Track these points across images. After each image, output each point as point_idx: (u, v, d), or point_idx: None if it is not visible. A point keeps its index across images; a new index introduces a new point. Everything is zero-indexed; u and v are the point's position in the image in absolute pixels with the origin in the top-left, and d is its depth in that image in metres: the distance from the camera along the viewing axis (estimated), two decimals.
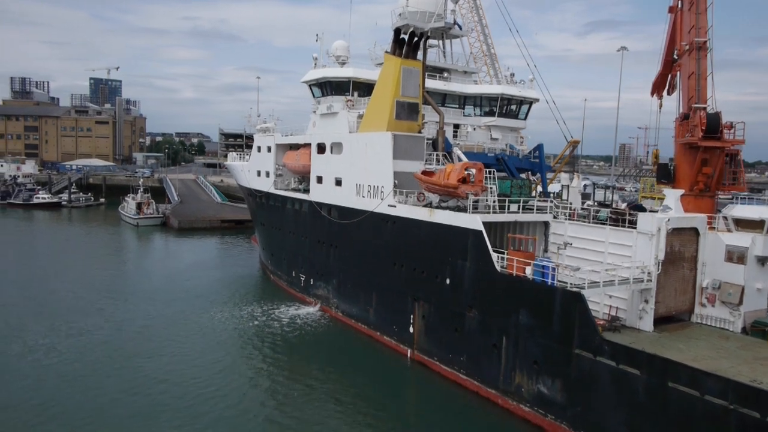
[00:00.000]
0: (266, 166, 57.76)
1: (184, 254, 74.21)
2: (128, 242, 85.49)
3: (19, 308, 46.10)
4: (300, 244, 51.34)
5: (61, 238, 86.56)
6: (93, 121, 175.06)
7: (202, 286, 56.12)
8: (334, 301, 46.29)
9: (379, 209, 39.82)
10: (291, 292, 53.23)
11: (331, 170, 46.22)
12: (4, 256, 70.52)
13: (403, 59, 40.13)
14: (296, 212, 51.87)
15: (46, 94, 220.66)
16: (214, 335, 41.09)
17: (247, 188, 63.62)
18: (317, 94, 49.03)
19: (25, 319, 43.14)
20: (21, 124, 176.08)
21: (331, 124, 46.63)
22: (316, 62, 48.94)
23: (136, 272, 61.74)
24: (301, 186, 54.22)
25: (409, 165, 39.58)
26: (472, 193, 33.56)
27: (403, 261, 37.89)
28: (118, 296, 50.89)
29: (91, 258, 70.29)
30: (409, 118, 40.60)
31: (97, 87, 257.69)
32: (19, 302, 47.86)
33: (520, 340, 29.35)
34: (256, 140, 60.92)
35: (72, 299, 49.14)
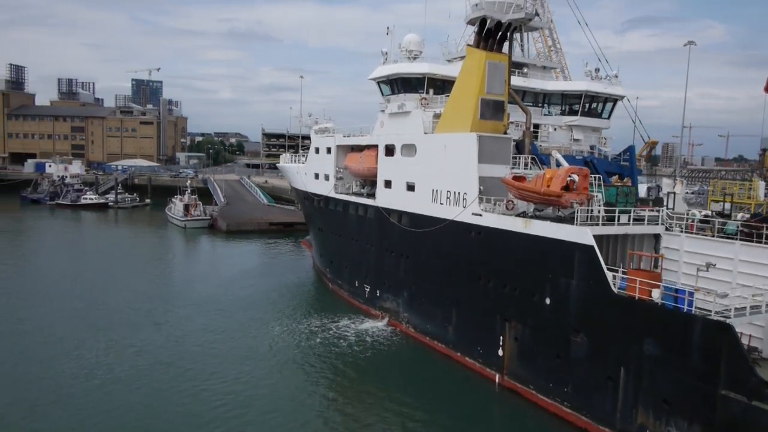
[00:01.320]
0: (326, 169, 54.69)
1: (235, 259, 71.77)
2: (177, 246, 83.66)
3: (74, 321, 43.78)
4: (364, 252, 48.08)
5: (110, 241, 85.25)
6: (137, 121, 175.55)
7: (257, 294, 53.38)
8: (404, 315, 42.87)
9: (460, 218, 36.21)
10: (354, 303, 50.02)
11: (401, 174, 42.80)
12: (56, 261, 69.20)
13: (489, 53, 36.41)
14: (360, 218, 48.62)
15: (92, 95, 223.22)
16: (276, 354, 37.93)
17: (304, 191, 60.69)
18: (386, 91, 45.63)
19: (80, 333, 40.73)
20: (68, 124, 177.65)
21: (403, 124, 43.19)
22: (387, 57, 45.50)
23: (189, 279, 59.32)
24: (364, 190, 50.99)
25: (494, 169, 35.89)
26: (577, 202, 29.73)
27: (490, 276, 34.21)
28: (173, 306, 48.35)
29: (142, 263, 68.39)
30: (495, 117, 36.89)
31: (138, 88, 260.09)
32: (73, 314, 45.63)
33: (645, 373, 25.39)
34: (314, 141, 57.92)
35: (126, 310, 46.71)
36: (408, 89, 43.17)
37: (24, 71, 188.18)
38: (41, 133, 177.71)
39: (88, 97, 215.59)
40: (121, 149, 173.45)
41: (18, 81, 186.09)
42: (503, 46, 37.62)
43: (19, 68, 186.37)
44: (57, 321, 43.14)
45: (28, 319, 43.41)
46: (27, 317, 43.97)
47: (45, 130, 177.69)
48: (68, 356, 35.99)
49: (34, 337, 39.27)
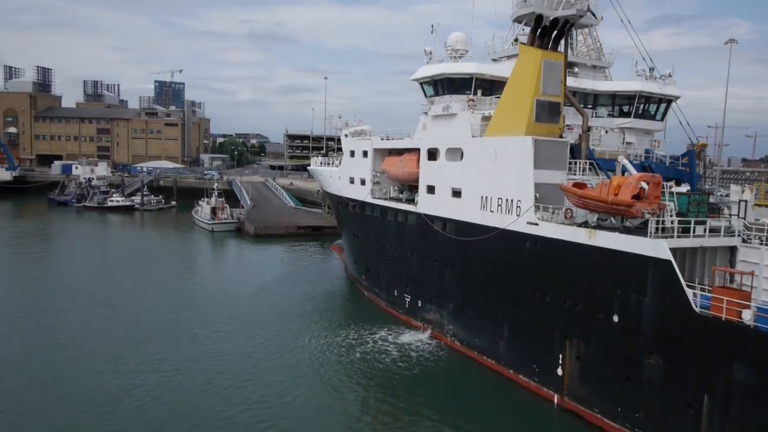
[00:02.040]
0: (362, 173, 52.85)
1: (265, 264, 70.22)
2: (205, 250, 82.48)
3: (108, 332, 42.28)
4: (404, 260, 46.12)
5: (138, 245, 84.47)
6: (162, 123, 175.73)
7: (291, 303, 51.69)
8: (449, 328, 40.82)
9: (514, 227, 34.09)
10: (393, 313, 48.09)
11: (446, 179, 40.76)
12: (86, 267, 68.31)
13: (545, 51, 34.24)
14: (399, 225, 46.67)
15: (116, 97, 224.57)
16: (317, 370, 36.06)
17: (338, 196, 58.89)
18: (430, 93, 43.59)
19: (114, 346, 39.19)
20: (94, 126, 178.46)
21: (448, 126, 41.16)
22: (431, 57, 43.46)
23: (221, 287, 57.71)
24: (402, 195, 49.06)
25: (551, 175, 33.72)
26: (649, 212, 27.47)
27: (548, 289, 32.04)
28: (207, 317, 46.72)
29: (172, 268, 67.12)
30: (550, 120, 34.71)
31: (161, 89, 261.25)
32: (106, 324, 44.23)
33: (734, 402, 23.09)
34: (349, 144, 56.11)
35: (160, 321, 45.17)
36: (454, 90, 41.11)
37: (51, 73, 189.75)
38: (67, 134, 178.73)
39: (113, 99, 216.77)
40: (146, 151, 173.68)
41: (45, 83, 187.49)
42: (558, 45, 35.37)
43: (46, 70, 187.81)
44: (90, 332, 41.75)
45: (62, 330, 42.07)
46: (60, 328, 42.67)
47: (71, 131, 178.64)
48: (104, 372, 34.46)
49: (69, 351, 37.86)
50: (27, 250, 77.77)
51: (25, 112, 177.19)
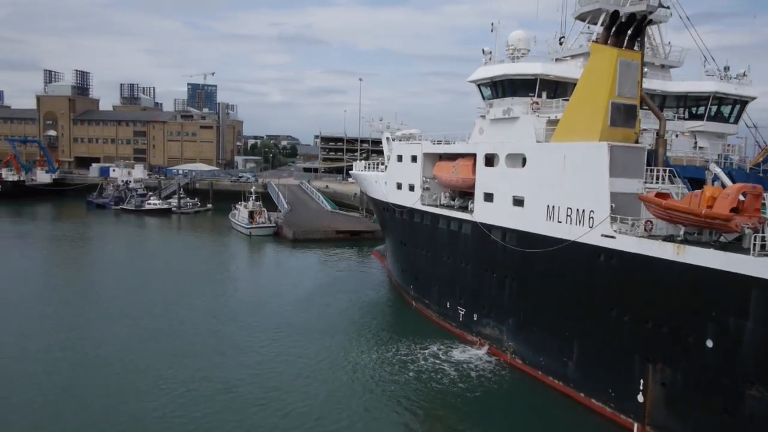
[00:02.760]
0: (410, 179, 50.79)
1: (305, 270, 68.55)
2: (245, 255, 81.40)
3: (152, 345, 40.96)
4: (458, 271, 43.88)
5: (177, 250, 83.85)
6: (197, 125, 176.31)
7: (336, 313, 50.04)
8: (509, 345, 38.47)
9: (586, 239, 31.62)
10: (444, 326, 45.89)
11: (506, 187, 38.42)
12: (126, 273, 67.53)
13: (621, 50, 31.71)
14: (453, 234, 44.45)
15: (152, 100, 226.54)
16: (371, 391, 34.10)
17: (383, 202, 56.94)
18: (488, 95, 41.25)
19: (160, 361, 37.95)
20: (130, 129, 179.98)
21: (508, 131, 38.85)
22: (491, 57, 41.15)
23: (264, 295, 56.14)
24: (454, 202, 46.83)
25: (627, 184, 31.21)
26: (748, 227, 24.83)
27: (626, 308, 29.52)
28: (253, 327, 45.25)
29: (213, 275, 65.89)
30: (626, 124, 32.18)
31: (194, 92, 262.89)
32: (150, 336, 42.92)
33: None
34: (396, 148, 54.12)
35: (204, 332, 43.78)
36: (516, 92, 38.71)
37: (89, 77, 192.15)
38: (105, 137, 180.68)
39: (148, 102, 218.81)
40: (182, 153, 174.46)
41: (83, 86, 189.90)
42: (634, 43, 32.79)
43: (84, 74, 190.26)
44: (134, 345, 40.38)
45: (105, 344, 40.60)
46: (103, 341, 41.24)
47: (108, 134, 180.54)
48: (151, 390, 33.01)
49: (114, 367, 36.33)
50: (67, 255, 77.78)
51: (64, 116, 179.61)
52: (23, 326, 44.00)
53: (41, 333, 42.47)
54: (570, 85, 38.84)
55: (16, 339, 41.03)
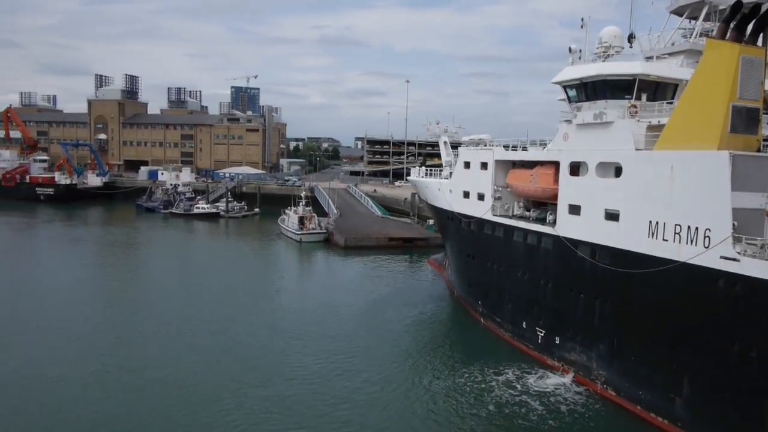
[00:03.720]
0: (480, 187, 47.50)
1: (361, 281, 65.61)
2: (296, 263, 79.32)
3: (211, 365, 38.97)
4: (536, 288, 40.37)
5: (228, 257, 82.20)
6: (244, 128, 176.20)
7: (400, 331, 47.18)
8: (600, 374, 34.80)
9: (700, 260, 27.83)
10: (519, 347, 42.41)
11: (597, 199, 34.80)
12: (179, 282, 66.06)
13: (743, 46, 27.85)
14: (530, 248, 40.97)
15: (198, 103, 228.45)
16: (450, 425, 31.02)
17: (447, 211, 53.73)
18: (575, 97, 37.55)
19: (221, 383, 35.74)
20: (178, 132, 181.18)
21: (600, 137, 35.18)
22: (580, 55, 37.52)
23: (320, 308, 53.28)
24: (530, 213, 43.34)
25: (751, 199, 27.40)
26: None
27: (754, 343, 25.66)
28: (313, 345, 42.64)
29: (266, 284, 63.73)
30: (748, 130, 28.32)
31: (237, 95, 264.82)
32: (208, 354, 40.88)
33: None
34: (463, 155, 50.86)
35: (269, 356, 41.10)
36: (610, 94, 34.99)
37: (138, 81, 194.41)
38: (153, 140, 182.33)
39: (195, 105, 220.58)
40: (228, 156, 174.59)
41: (133, 90, 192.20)
42: (758, 39, 28.86)
43: (133, 78, 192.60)
44: (195, 368, 37.98)
45: (164, 365, 38.38)
46: (163, 361, 38.99)
47: (156, 137, 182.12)
48: (216, 421, 30.59)
49: (173, 392, 34.08)
50: (120, 263, 77.04)
51: (114, 119, 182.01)
52: (79, 342, 42.41)
53: (97, 351, 40.68)
54: (670, 86, 35.13)
55: (73, 358, 39.34)
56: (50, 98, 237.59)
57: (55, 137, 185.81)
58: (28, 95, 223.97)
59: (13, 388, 33.76)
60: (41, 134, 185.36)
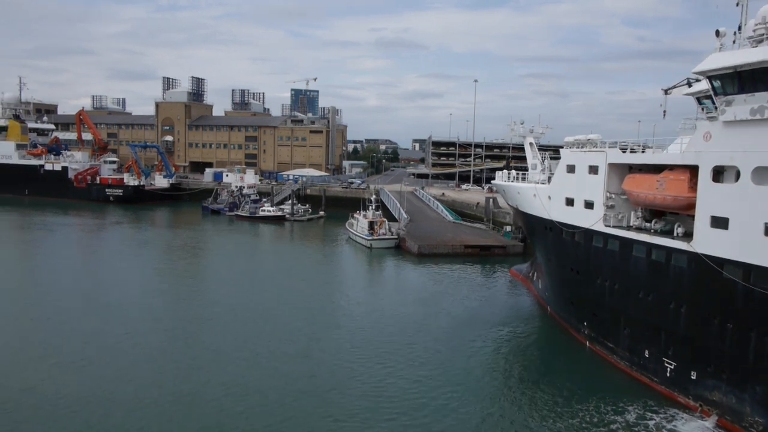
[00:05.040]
0: (588, 194, 42.05)
1: (440, 293, 60.55)
2: (367, 271, 75.28)
3: (302, 398, 35.16)
4: (664, 312, 34.69)
5: (300, 265, 78.93)
6: (307, 130, 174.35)
7: (495, 356, 42.88)
8: (755, 421, 28.94)
9: None
10: (640, 379, 36.75)
11: (752, 210, 29.01)
12: (247, 289, 62.97)
13: None
14: (656, 265, 35.30)
15: (261, 105, 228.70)
16: None
17: (544, 219, 48.42)
18: (722, 89, 31.57)
19: (304, 418, 31.74)
20: (242, 134, 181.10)
21: (758, 136, 29.35)
22: (735, 39, 31.67)
23: (405, 326, 48.59)
24: (651, 225, 37.63)
25: None
26: None
27: None
28: (409, 379, 38.20)
29: (345, 299, 59.10)
30: None
31: (297, 97, 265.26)
32: (296, 384, 37.14)
33: None
34: (566, 157, 45.50)
35: (356, 386, 37.16)
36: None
37: (204, 83, 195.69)
38: (218, 142, 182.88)
39: (258, 107, 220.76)
40: (291, 158, 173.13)
41: (199, 93, 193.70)
42: None
43: (199, 80, 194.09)
44: (276, 389, 34.49)
45: (250, 391, 35.01)
46: (246, 386, 35.62)
47: (221, 139, 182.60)
48: None
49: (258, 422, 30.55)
50: (189, 269, 75.01)
51: (180, 121, 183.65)
52: (149, 364, 39.45)
53: (167, 373, 37.61)
54: None
55: (151, 379, 36.31)
56: (120, 101, 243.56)
57: (124, 139, 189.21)
58: (99, 98, 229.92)
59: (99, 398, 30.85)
60: (111, 136, 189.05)
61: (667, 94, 44.82)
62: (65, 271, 67.08)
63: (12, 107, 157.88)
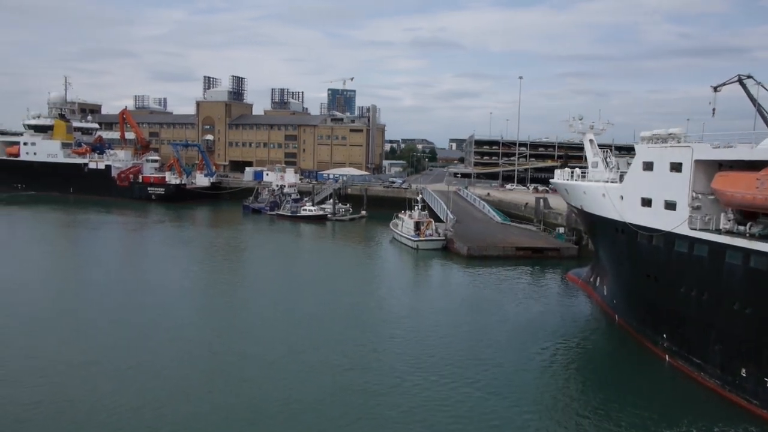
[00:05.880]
0: (668, 193, 38.29)
1: (497, 300, 56.72)
2: (416, 273, 72.51)
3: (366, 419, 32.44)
4: (765, 327, 30.86)
5: (345, 266, 76.63)
6: (348, 129, 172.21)
7: (561, 370, 39.93)
8: None
9: None
10: (735, 400, 32.94)
11: None
12: (303, 297, 60.48)
13: None
14: (756, 273, 31.48)
15: (300, 104, 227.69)
16: None
17: (616, 221, 44.71)
18: None
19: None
20: (282, 133, 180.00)
21: None
22: None
23: (466, 337, 45.43)
24: (746, 228, 33.66)
25: None
26: None
27: None
28: (464, 398, 35.29)
29: (392, 303, 56.25)
30: None
31: (333, 97, 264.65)
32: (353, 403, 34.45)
33: None
34: (642, 153, 41.75)
35: (417, 414, 34.45)
36: None
37: (244, 82, 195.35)
38: (257, 141, 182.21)
39: (297, 106, 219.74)
40: (331, 157, 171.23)
41: (239, 92, 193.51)
42: None
43: (240, 79, 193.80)
44: (328, 404, 31.89)
45: (302, 408, 32.67)
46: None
47: (261, 138, 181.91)
48: None
49: None
50: (230, 269, 73.38)
51: (220, 120, 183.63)
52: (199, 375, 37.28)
53: (222, 383, 35.38)
54: None
55: (201, 392, 34.10)
56: (161, 101, 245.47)
57: (165, 138, 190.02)
58: (141, 98, 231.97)
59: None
60: (152, 135, 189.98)
61: (717, 91, 43.77)
62: (112, 272, 65.78)
63: (58, 107, 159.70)
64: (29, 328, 43.43)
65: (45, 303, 50.94)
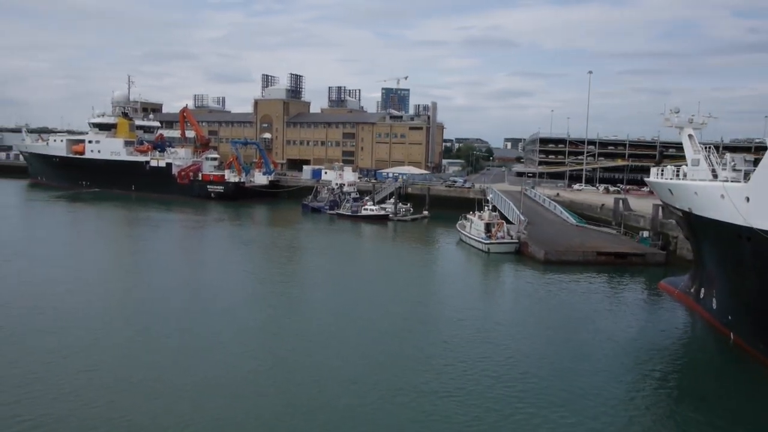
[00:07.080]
0: None
1: (584, 310, 51.56)
2: (489, 280, 67.99)
3: None
4: None
5: (414, 270, 72.27)
6: (407, 126, 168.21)
7: (675, 394, 34.99)
8: None
9: None
10: None
11: None
12: (371, 304, 56.84)
13: None
14: None
15: (357, 102, 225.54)
16: None
17: (735, 226, 38.96)
18: None
19: None
20: (339, 131, 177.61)
21: None
22: None
23: (554, 347, 41.21)
24: None
25: None
26: None
27: None
28: (570, 421, 30.58)
29: (469, 313, 52.10)
30: None
31: (387, 96, 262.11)
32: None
33: None
34: None
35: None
36: None
37: (302, 80, 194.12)
38: (315, 139, 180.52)
39: (354, 104, 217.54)
40: (390, 156, 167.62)
41: (296, 90, 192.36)
42: None
43: (298, 77, 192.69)
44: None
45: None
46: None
47: (318, 136, 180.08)
48: None
49: None
50: (293, 271, 70.40)
51: (278, 118, 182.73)
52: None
53: (298, 401, 31.77)
54: None
55: (275, 412, 30.61)
56: (219, 100, 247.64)
57: (223, 136, 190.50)
58: (200, 97, 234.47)
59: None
60: (212, 134, 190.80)
61: None
62: (176, 275, 63.56)
63: (121, 105, 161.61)
64: (91, 336, 40.98)
65: (108, 309, 48.60)
